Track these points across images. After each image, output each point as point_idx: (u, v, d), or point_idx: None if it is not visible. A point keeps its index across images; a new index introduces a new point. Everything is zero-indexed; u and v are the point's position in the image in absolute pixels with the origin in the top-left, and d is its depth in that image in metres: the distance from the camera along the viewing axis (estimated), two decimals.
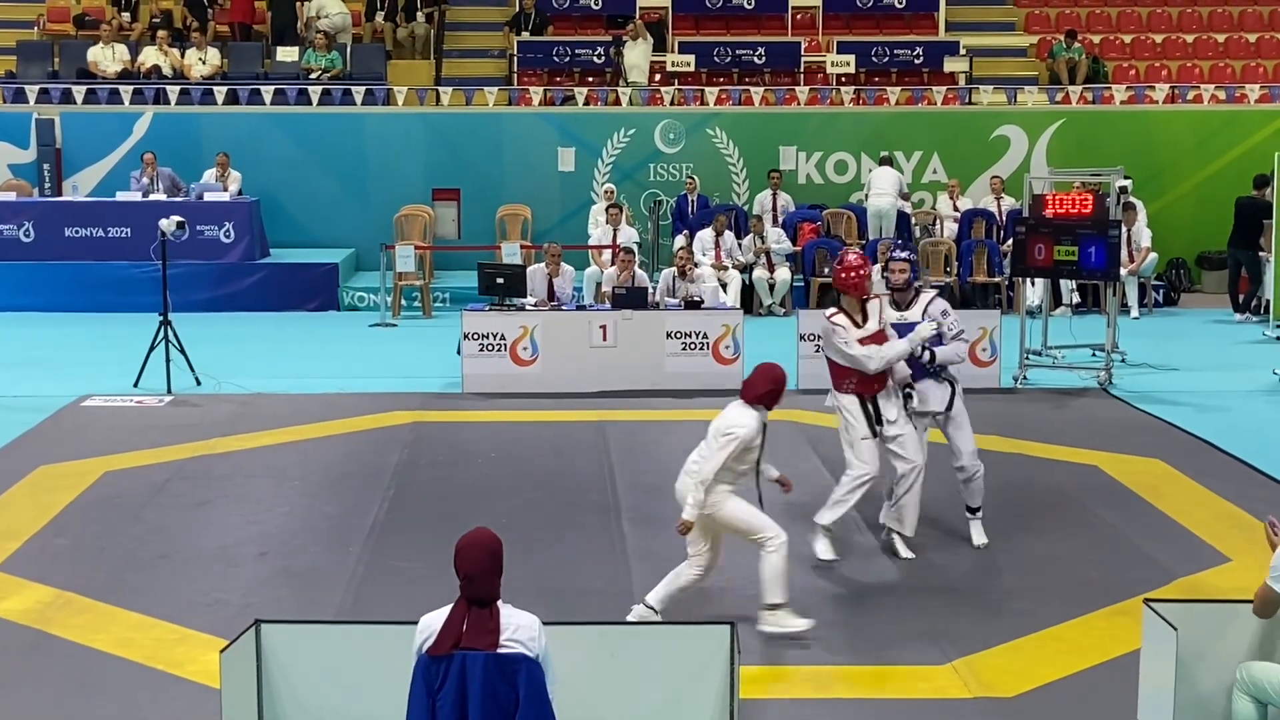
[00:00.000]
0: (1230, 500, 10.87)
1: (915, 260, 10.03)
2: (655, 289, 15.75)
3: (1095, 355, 15.67)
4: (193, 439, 12.53)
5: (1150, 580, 9.03)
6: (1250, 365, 15.88)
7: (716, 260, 18.76)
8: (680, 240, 18.90)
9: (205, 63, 22.15)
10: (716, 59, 23.19)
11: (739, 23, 24.38)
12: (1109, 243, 14.42)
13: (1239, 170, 20.51)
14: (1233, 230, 19.11)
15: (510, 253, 18.07)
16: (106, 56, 22.05)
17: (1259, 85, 22.79)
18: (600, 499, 10.90)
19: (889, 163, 20.72)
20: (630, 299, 14.91)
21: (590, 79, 23.05)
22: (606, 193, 20.54)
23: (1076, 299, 19.27)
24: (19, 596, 8.83)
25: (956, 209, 20.78)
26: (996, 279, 19.45)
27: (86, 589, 8.94)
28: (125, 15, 23.50)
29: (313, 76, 22.04)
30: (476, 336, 14.56)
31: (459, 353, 14.62)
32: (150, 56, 22.13)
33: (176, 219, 14.75)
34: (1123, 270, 16.87)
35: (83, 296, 18.98)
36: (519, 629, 5.35)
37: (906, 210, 20.61)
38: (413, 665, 5.40)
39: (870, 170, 20.87)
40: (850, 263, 9.38)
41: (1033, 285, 17.21)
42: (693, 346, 14.65)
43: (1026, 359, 15.22)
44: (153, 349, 14.36)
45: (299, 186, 21.19)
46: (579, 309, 15.25)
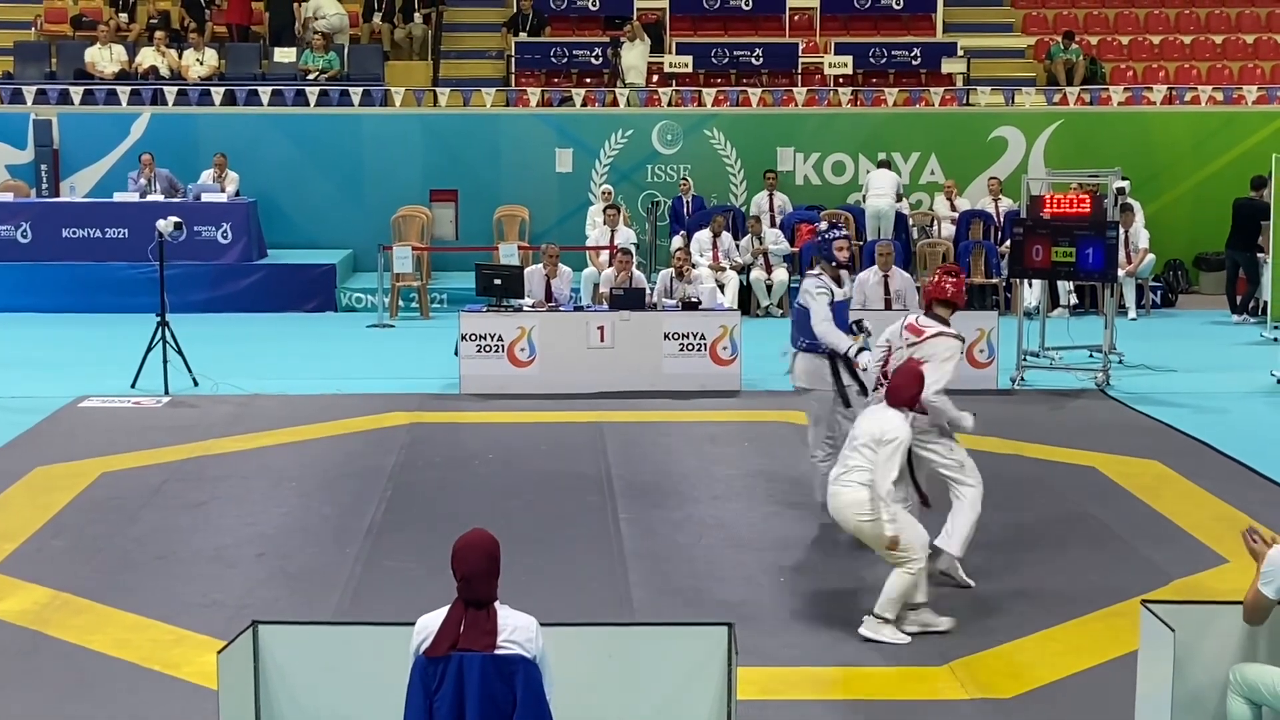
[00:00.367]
0: (1228, 501, 10.87)
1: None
2: (653, 290, 15.75)
3: (1093, 356, 15.67)
4: (190, 440, 12.52)
5: (1148, 581, 9.03)
6: (1248, 366, 15.88)
7: (714, 261, 18.76)
8: (678, 241, 18.91)
9: (203, 63, 22.14)
10: (714, 60, 23.19)
11: (736, 24, 24.38)
12: (1107, 244, 14.42)
13: (1237, 171, 20.51)
14: (1230, 231, 19.11)
15: (508, 254, 18.06)
16: (104, 57, 22.04)
17: (1256, 86, 22.80)
18: (598, 500, 10.89)
19: (887, 165, 20.74)
20: (628, 300, 14.91)
21: (588, 80, 23.05)
22: (604, 194, 20.54)
23: (1074, 300, 19.27)
24: (16, 597, 8.83)
25: (954, 209, 20.78)
26: (994, 280, 19.44)
27: (83, 590, 8.94)
28: (123, 16, 23.48)
29: (310, 77, 22.03)
30: (474, 337, 14.56)
31: (456, 354, 14.61)
32: (148, 57, 22.13)
33: (174, 220, 14.74)
34: (1120, 271, 16.87)
35: (80, 297, 18.96)
36: (516, 630, 5.35)
37: (904, 211, 20.61)
38: (410, 666, 5.40)
39: (868, 172, 20.88)
40: (959, 277, 9.38)
41: (1030, 286, 17.19)
42: (690, 347, 14.65)
43: (1024, 360, 15.22)
44: (150, 350, 14.35)
45: (296, 187, 21.18)
46: (576, 310, 15.25)
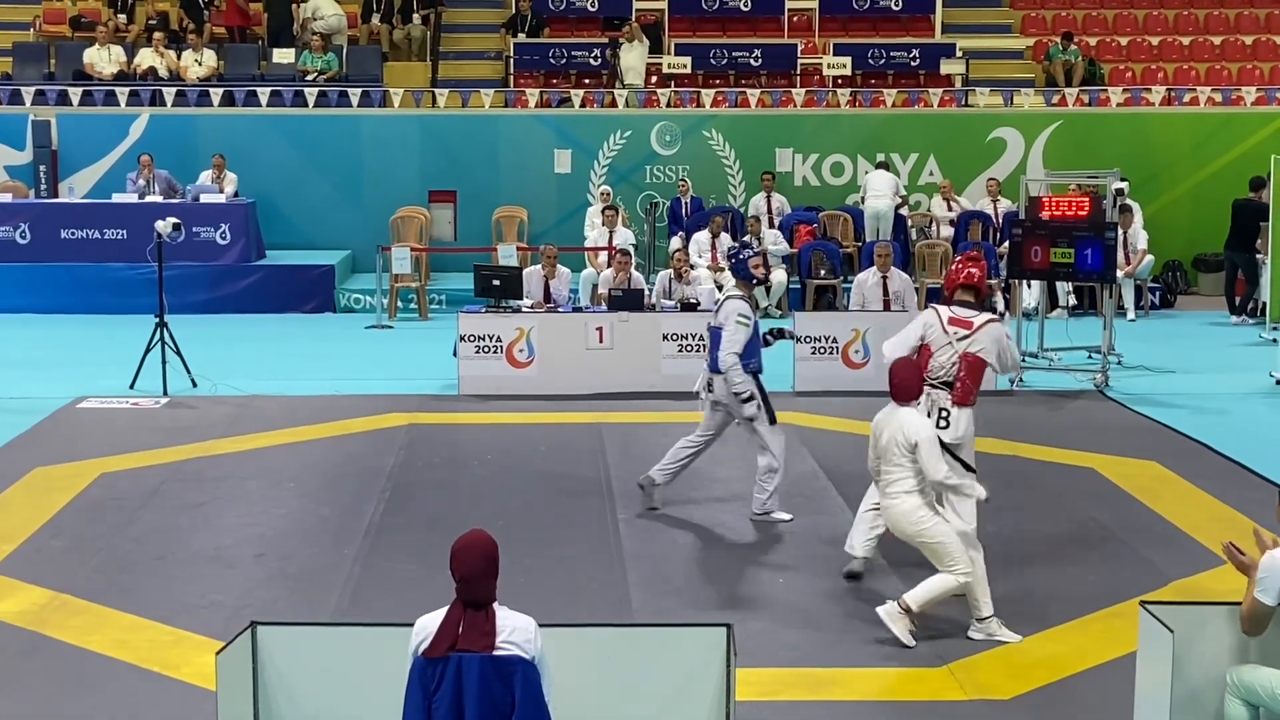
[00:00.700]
0: (1226, 502, 10.87)
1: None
2: (651, 291, 15.76)
3: (1091, 357, 15.68)
4: (189, 441, 12.52)
5: (1146, 582, 9.03)
6: (1246, 367, 15.89)
7: (713, 262, 18.76)
8: (676, 243, 18.91)
9: (201, 64, 22.14)
10: (713, 61, 23.20)
11: (735, 24, 24.38)
12: (1105, 245, 14.43)
13: (1235, 172, 20.52)
14: (1229, 232, 19.12)
15: (506, 255, 18.06)
16: (102, 58, 22.04)
17: (1255, 87, 22.80)
18: (596, 501, 10.89)
19: (886, 167, 20.76)
20: (626, 301, 14.91)
21: (586, 81, 23.05)
22: (603, 195, 20.54)
23: (1073, 301, 19.29)
24: (14, 598, 8.83)
25: (951, 209, 20.79)
26: (993, 281, 19.43)
27: (82, 590, 8.94)
28: (121, 17, 23.48)
29: (309, 78, 22.03)
30: (472, 338, 14.56)
31: (455, 354, 14.61)
32: (146, 58, 22.12)
33: (172, 221, 14.73)
34: (1119, 272, 16.88)
35: (79, 298, 18.96)
36: (515, 631, 5.35)
37: (903, 213, 20.61)
38: (408, 667, 5.40)
39: (867, 173, 20.89)
40: (983, 264, 9.36)
41: (1029, 287, 17.22)
42: (689, 348, 14.63)
43: (1023, 361, 15.22)
44: (149, 351, 14.35)
45: (295, 188, 21.18)
46: (575, 311, 15.26)
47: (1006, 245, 17.76)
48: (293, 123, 21.41)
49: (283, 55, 22.48)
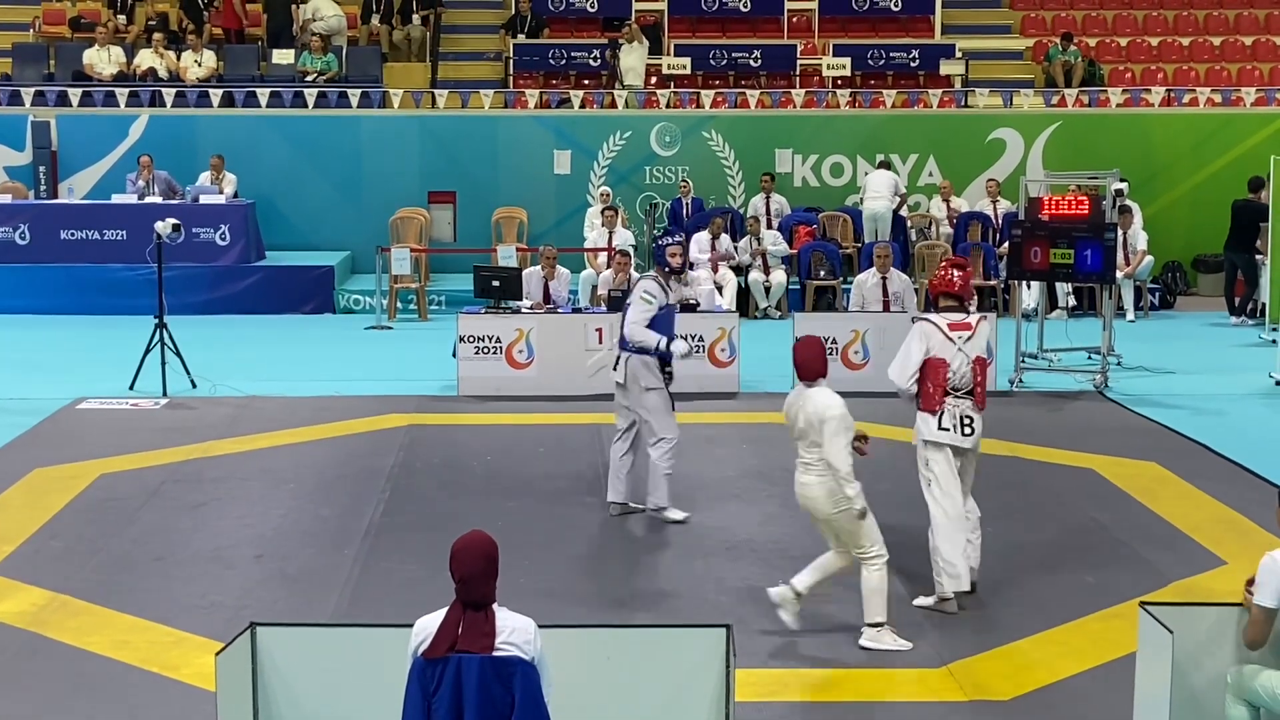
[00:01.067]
0: (1226, 503, 10.87)
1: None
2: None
3: (1091, 358, 15.68)
4: (188, 442, 12.52)
5: (1146, 583, 9.03)
6: (1246, 368, 15.88)
7: (713, 263, 18.76)
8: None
9: (201, 65, 22.14)
10: (712, 62, 23.20)
11: (735, 25, 24.38)
12: (1105, 246, 14.42)
13: (1235, 173, 20.52)
14: (1229, 233, 19.12)
15: (506, 255, 18.06)
16: (102, 59, 22.04)
17: (1255, 88, 22.80)
18: (596, 502, 10.88)
19: (885, 166, 20.76)
20: (626, 302, 14.88)
21: (586, 82, 23.05)
22: (602, 195, 20.54)
23: (1072, 302, 19.29)
24: (14, 599, 8.83)
25: (951, 209, 20.80)
26: (992, 282, 19.45)
27: (81, 591, 8.94)
28: (121, 18, 23.48)
29: (308, 79, 22.03)
30: (472, 339, 14.55)
31: (454, 355, 14.61)
32: (146, 59, 22.12)
33: (172, 221, 14.73)
34: (1119, 273, 16.88)
35: (78, 299, 18.96)
36: (515, 631, 5.35)
37: (902, 213, 20.62)
38: (408, 668, 5.40)
39: (867, 174, 20.90)
40: (967, 270, 9.25)
41: (1029, 288, 17.22)
42: (694, 350, 14.62)
43: (1022, 362, 15.22)
44: (148, 352, 14.35)
45: (295, 189, 21.19)
46: (574, 312, 15.25)
47: (1006, 246, 17.76)
48: (292, 124, 21.41)
49: (282, 56, 22.47)
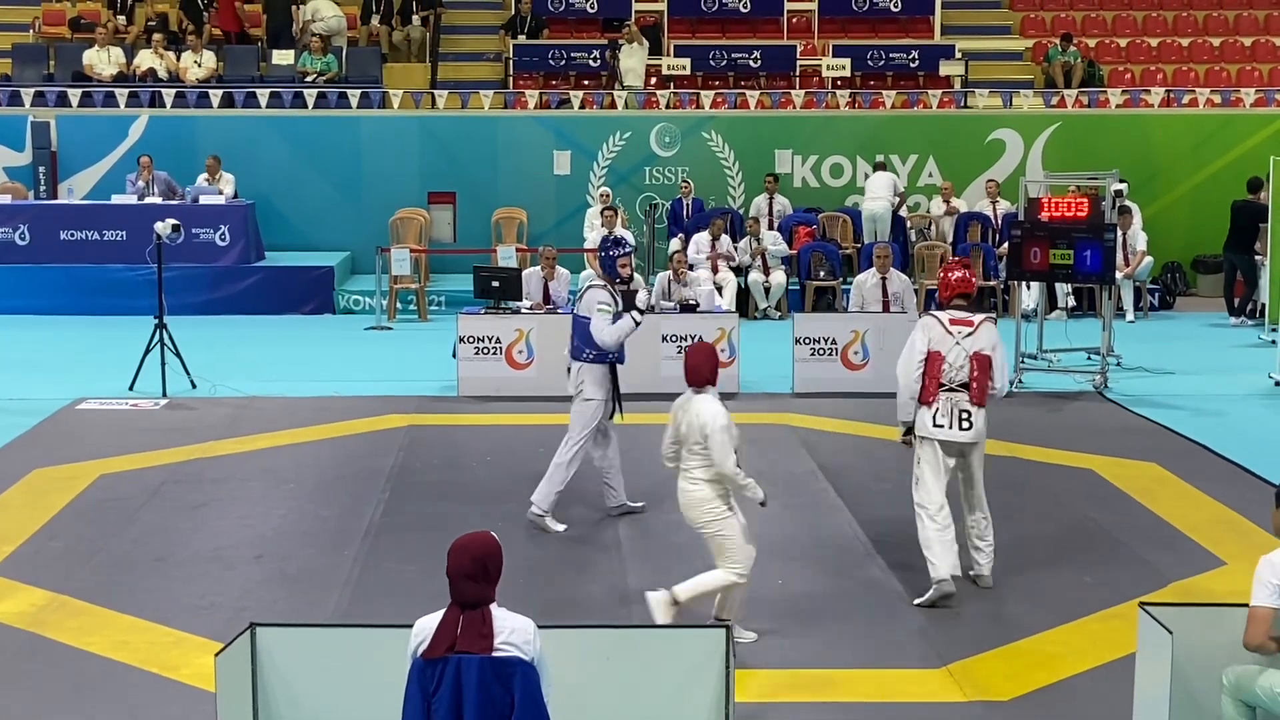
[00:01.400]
0: (1225, 504, 10.87)
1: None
2: (651, 292, 15.74)
3: (1091, 359, 15.68)
4: (188, 442, 12.52)
5: (1145, 584, 9.04)
6: (1245, 369, 15.89)
7: (712, 263, 18.76)
8: (675, 244, 18.91)
9: (200, 66, 22.14)
10: (712, 62, 23.21)
11: (734, 26, 24.39)
12: (1104, 246, 14.42)
13: (1234, 174, 20.53)
14: (1228, 234, 19.12)
15: (506, 256, 18.07)
16: (102, 59, 22.04)
17: (1254, 89, 22.81)
18: (595, 502, 10.89)
19: (884, 168, 20.79)
20: (626, 302, 14.86)
21: (586, 82, 23.06)
22: (602, 196, 20.54)
23: (1072, 302, 19.30)
24: (14, 599, 8.83)
25: (951, 210, 20.80)
26: (992, 282, 19.45)
27: (81, 592, 8.94)
28: (120, 18, 23.49)
29: (308, 80, 22.03)
30: (472, 340, 14.55)
31: (454, 356, 14.61)
32: (145, 59, 22.12)
33: (172, 222, 14.73)
34: (1118, 274, 16.89)
35: (78, 299, 18.97)
36: (514, 632, 5.35)
37: (901, 214, 20.62)
38: (407, 669, 5.40)
39: (867, 176, 20.93)
40: (970, 269, 9.43)
41: (1028, 289, 17.22)
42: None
43: (1022, 363, 15.23)
44: (148, 352, 14.35)
45: (294, 190, 21.20)
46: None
47: (1006, 247, 17.76)
48: (292, 124, 21.42)
49: (282, 56, 22.48)
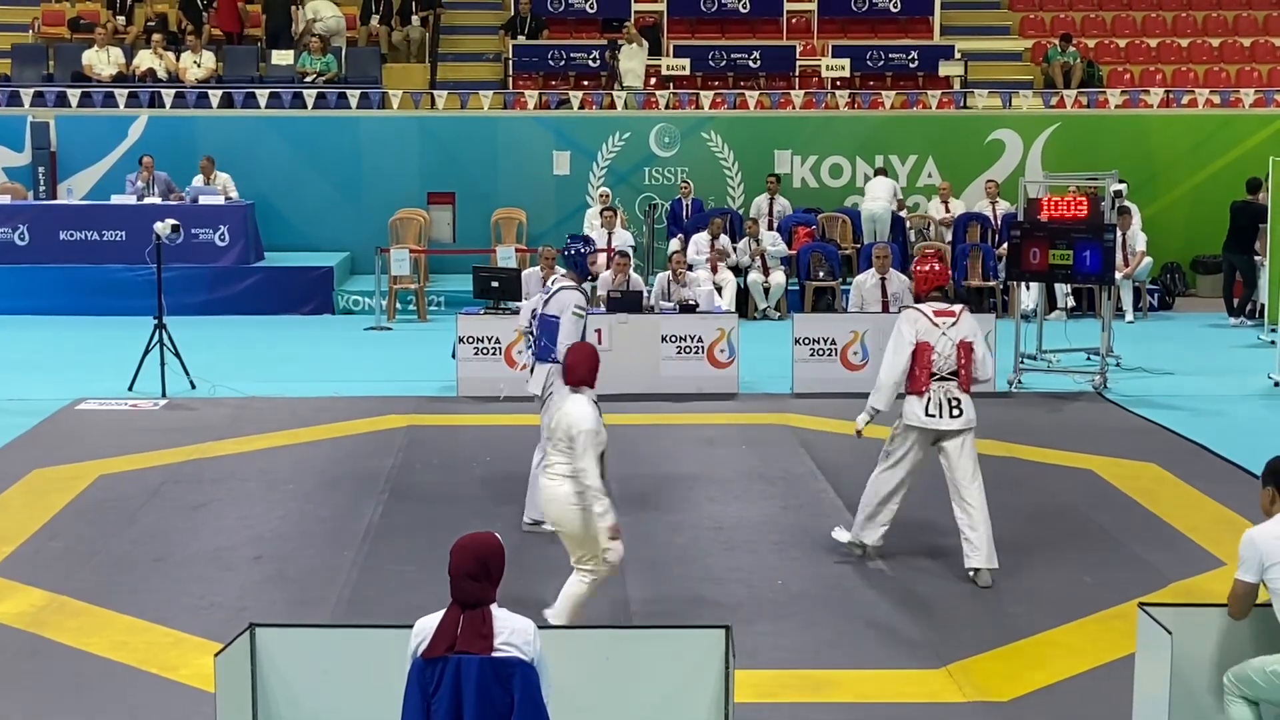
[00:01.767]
0: (1225, 504, 10.87)
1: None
2: (650, 293, 15.76)
3: (1090, 359, 15.69)
4: (187, 443, 12.52)
5: (1145, 584, 9.03)
6: (1245, 369, 15.89)
7: (712, 264, 18.76)
8: (675, 244, 18.92)
9: (200, 66, 22.14)
10: (711, 63, 23.21)
11: (734, 26, 24.39)
12: (1104, 247, 14.43)
13: (1234, 174, 20.54)
14: (1227, 234, 19.12)
15: (505, 256, 18.07)
16: (101, 60, 22.04)
17: (1254, 90, 22.81)
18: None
19: (884, 173, 20.85)
20: (625, 303, 14.91)
21: (585, 82, 23.06)
22: (601, 196, 20.54)
23: (1071, 303, 19.30)
24: (13, 600, 8.83)
25: (949, 211, 20.82)
26: (991, 283, 19.46)
27: (81, 592, 8.94)
28: (120, 19, 23.49)
29: (307, 80, 22.03)
30: (471, 340, 14.56)
31: (454, 356, 14.61)
32: (145, 60, 22.12)
33: (171, 222, 14.73)
34: (1118, 274, 16.89)
35: (77, 300, 18.97)
36: (514, 633, 5.35)
37: (901, 214, 20.63)
38: (407, 669, 5.40)
39: (867, 178, 20.96)
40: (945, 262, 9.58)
41: (1027, 289, 17.22)
42: (688, 350, 14.65)
43: (1021, 363, 15.23)
44: (147, 352, 14.35)
45: (294, 190, 21.20)
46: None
47: (1005, 247, 17.76)
48: (291, 124, 21.42)
49: (281, 57, 22.48)
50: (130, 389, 14.32)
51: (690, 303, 15.33)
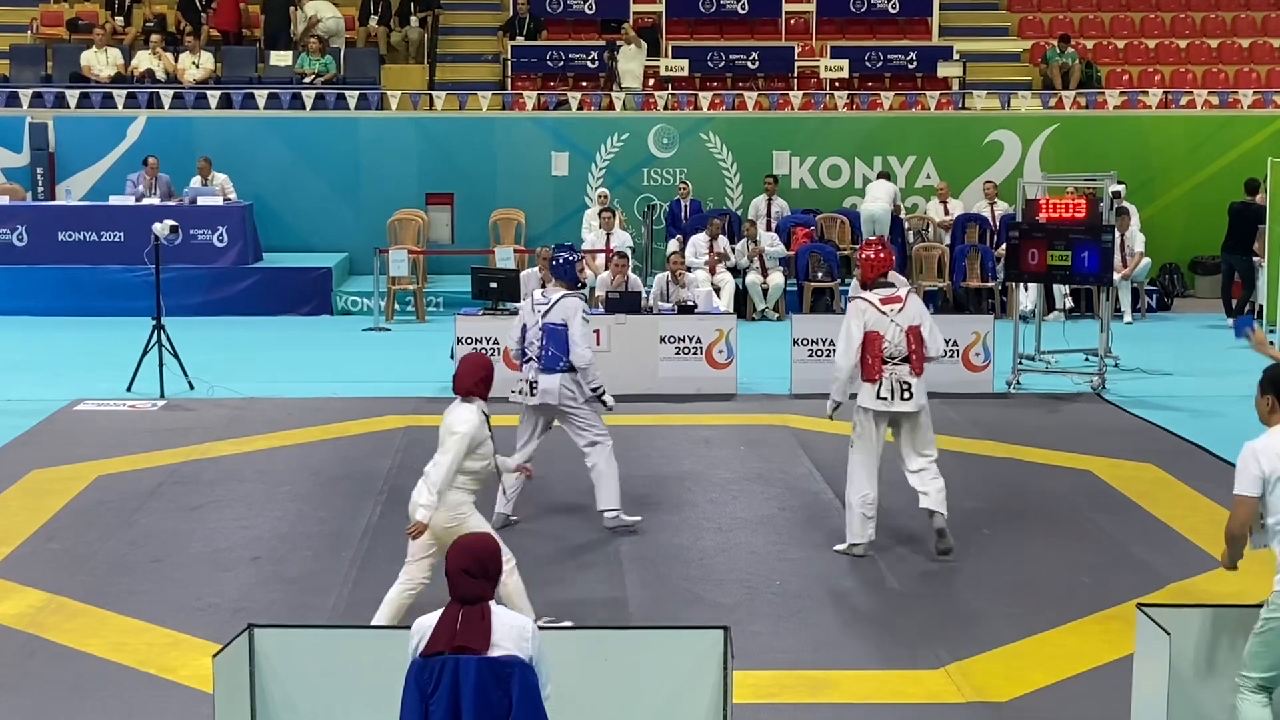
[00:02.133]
0: (1223, 505, 10.81)
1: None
2: (649, 294, 15.75)
3: (1088, 360, 15.68)
4: (186, 443, 12.52)
5: (1143, 585, 9.04)
6: (1243, 370, 15.79)
7: (710, 265, 18.76)
8: (673, 245, 18.92)
9: (199, 67, 22.14)
10: (710, 64, 23.21)
11: (732, 27, 24.38)
12: (1102, 248, 14.44)
13: (1232, 175, 20.54)
14: (1226, 235, 19.13)
15: (504, 257, 18.07)
16: (100, 60, 22.04)
17: (1252, 90, 22.81)
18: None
19: (886, 177, 20.87)
20: (624, 304, 14.91)
21: (584, 83, 23.06)
22: (600, 197, 20.54)
23: (1070, 304, 19.30)
24: (11, 600, 8.82)
25: (947, 212, 20.82)
26: (990, 284, 19.47)
27: (79, 593, 8.94)
28: (118, 19, 23.48)
29: (306, 81, 22.03)
30: (470, 341, 14.56)
31: (452, 357, 14.60)
32: (143, 60, 22.12)
33: (170, 223, 14.73)
34: (1116, 275, 16.89)
35: (76, 301, 18.96)
36: (513, 629, 5.36)
37: (900, 215, 20.64)
38: (406, 668, 5.40)
39: (867, 180, 20.98)
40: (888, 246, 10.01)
41: (1026, 290, 17.22)
42: (686, 351, 14.65)
43: (1020, 364, 15.23)
44: (146, 353, 14.35)
45: (292, 191, 21.19)
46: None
47: (1003, 248, 17.75)
48: (290, 125, 21.41)
49: (280, 57, 22.47)
50: (129, 390, 14.32)
51: (689, 304, 15.33)
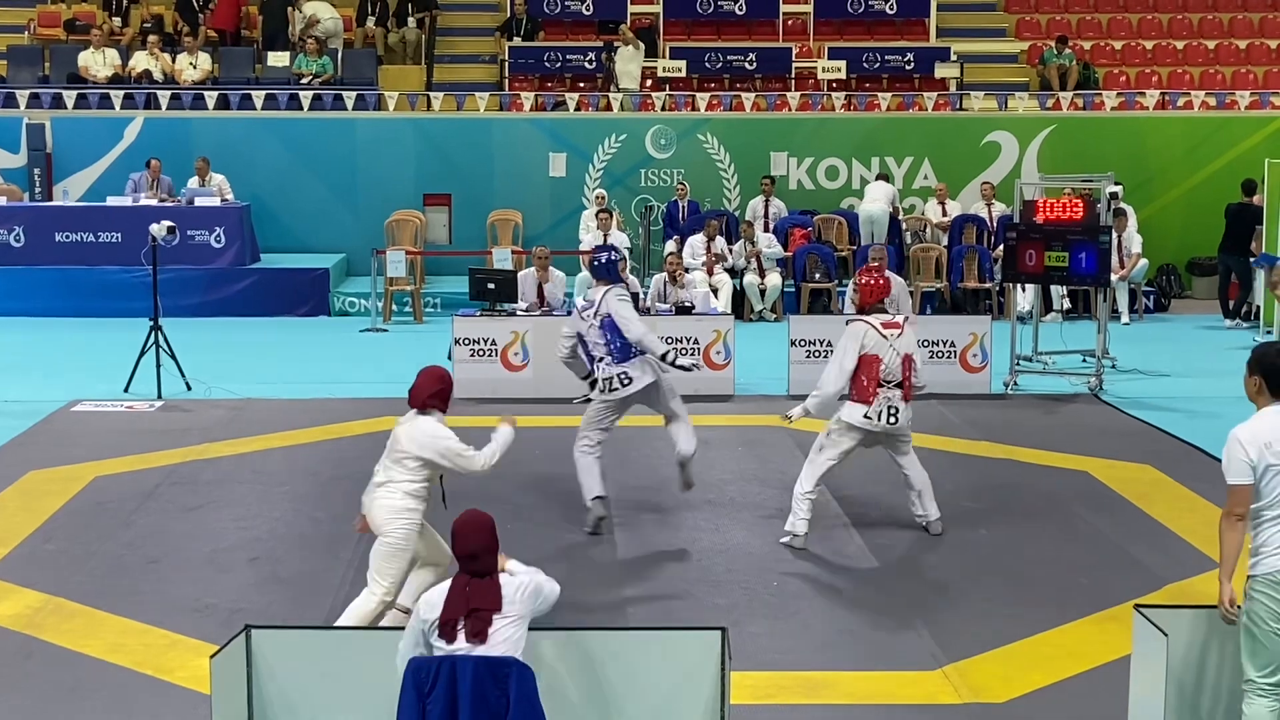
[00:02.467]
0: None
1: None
2: (646, 295, 15.75)
3: (1086, 361, 15.69)
4: (183, 444, 12.52)
5: (1140, 586, 9.04)
6: (1240, 371, 15.76)
7: (708, 266, 18.76)
8: (671, 246, 18.92)
9: (196, 67, 22.14)
10: (708, 65, 23.21)
11: (730, 28, 24.39)
12: (1099, 248, 14.44)
13: (1229, 176, 20.56)
14: (1223, 236, 19.16)
15: (501, 258, 18.07)
16: (97, 61, 22.03)
17: (1249, 92, 22.82)
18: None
19: (885, 179, 20.88)
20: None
21: (581, 84, 23.06)
22: (597, 198, 20.55)
23: (1067, 305, 19.31)
24: (9, 601, 8.82)
25: (945, 213, 20.83)
26: (987, 284, 19.47)
27: (76, 594, 8.93)
28: (116, 20, 23.48)
29: (304, 81, 22.03)
30: (467, 342, 14.56)
31: (450, 358, 14.60)
32: (141, 61, 22.12)
33: (167, 224, 14.73)
34: (1113, 276, 16.89)
35: (73, 301, 18.96)
36: (519, 589, 5.64)
37: (898, 216, 20.65)
38: (404, 665, 5.42)
39: (865, 181, 20.99)
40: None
41: (1023, 291, 17.23)
42: (683, 352, 14.63)
43: (1017, 365, 15.23)
44: (143, 354, 14.35)
45: (290, 191, 21.20)
46: (569, 314, 15.22)
47: (1001, 249, 17.75)
48: (288, 126, 21.41)
49: (278, 58, 22.47)
50: (126, 390, 14.32)
51: (686, 305, 15.33)
